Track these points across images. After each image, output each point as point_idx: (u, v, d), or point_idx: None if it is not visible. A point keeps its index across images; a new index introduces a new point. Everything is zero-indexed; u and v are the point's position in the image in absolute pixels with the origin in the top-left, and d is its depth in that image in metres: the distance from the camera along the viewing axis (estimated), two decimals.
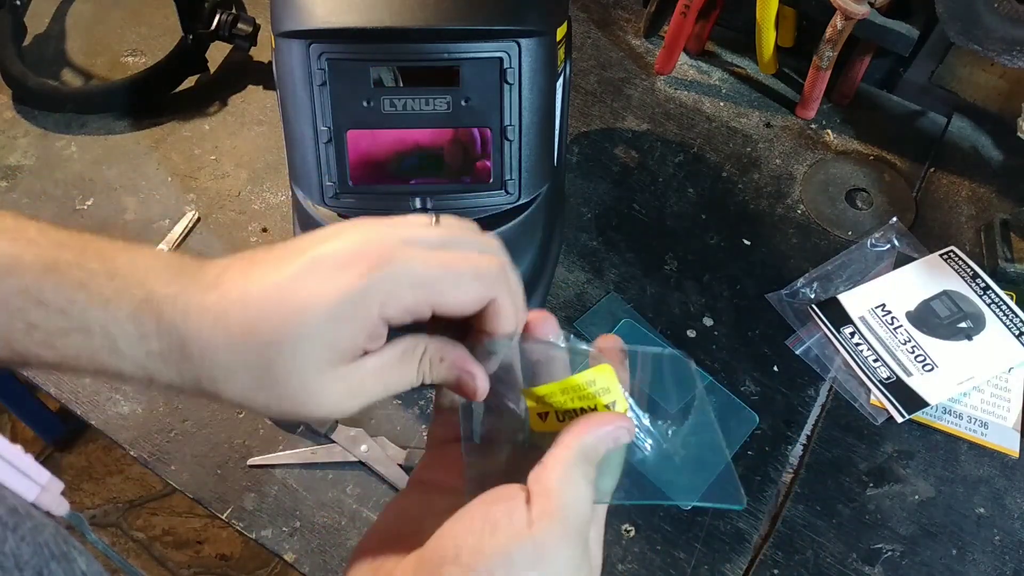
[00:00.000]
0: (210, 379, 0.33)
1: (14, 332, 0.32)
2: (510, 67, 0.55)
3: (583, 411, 0.37)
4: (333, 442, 0.66)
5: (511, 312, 0.36)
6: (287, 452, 0.66)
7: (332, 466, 0.66)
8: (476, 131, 0.58)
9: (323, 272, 0.33)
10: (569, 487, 0.34)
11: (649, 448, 0.39)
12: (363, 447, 0.66)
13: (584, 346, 0.39)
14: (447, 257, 0.35)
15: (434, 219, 0.37)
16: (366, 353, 0.34)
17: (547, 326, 0.38)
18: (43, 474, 0.34)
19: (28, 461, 0.33)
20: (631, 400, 0.38)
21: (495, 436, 0.39)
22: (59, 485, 0.35)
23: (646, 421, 0.39)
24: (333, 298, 0.32)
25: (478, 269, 0.35)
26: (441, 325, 0.36)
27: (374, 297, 0.33)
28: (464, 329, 0.37)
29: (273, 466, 0.65)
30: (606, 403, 0.37)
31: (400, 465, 0.65)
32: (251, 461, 0.65)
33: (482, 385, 0.37)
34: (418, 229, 0.36)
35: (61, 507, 0.35)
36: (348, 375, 0.34)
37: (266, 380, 0.33)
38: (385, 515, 0.40)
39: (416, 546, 0.35)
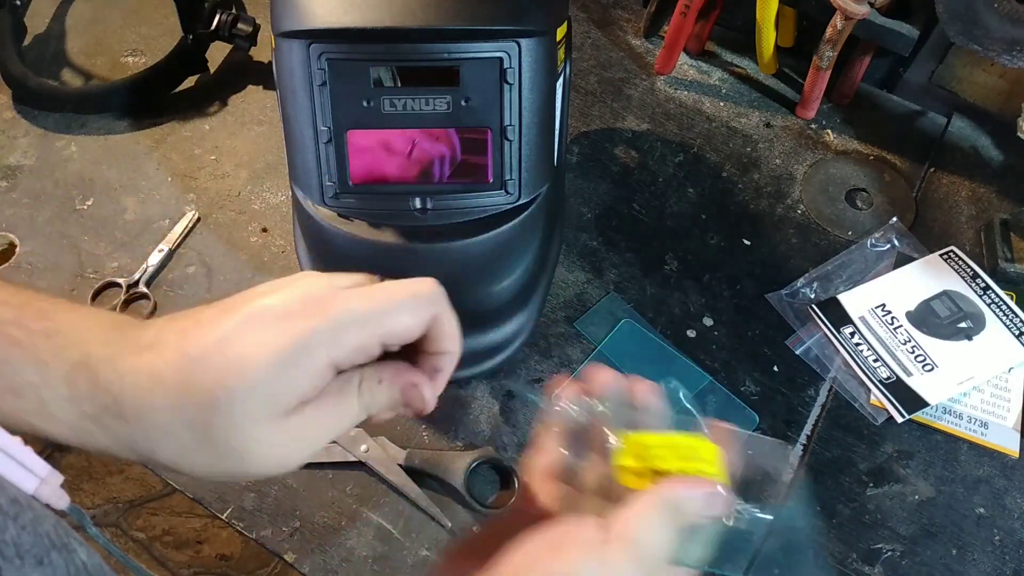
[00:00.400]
0: (145, 440, 0.32)
1: None
2: (510, 67, 0.55)
3: (678, 471, 0.38)
4: (333, 442, 0.66)
5: (454, 328, 0.36)
6: None
7: (332, 466, 0.66)
8: (476, 131, 0.58)
9: (263, 325, 0.33)
10: (645, 524, 0.36)
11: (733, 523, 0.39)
12: (363, 447, 0.66)
13: (697, 417, 0.40)
14: (383, 291, 0.35)
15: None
16: (304, 405, 0.33)
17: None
18: (43, 467, 0.34)
19: (27, 453, 0.33)
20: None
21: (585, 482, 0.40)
22: (58, 478, 0.35)
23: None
24: (275, 349, 0.32)
25: (415, 292, 0.35)
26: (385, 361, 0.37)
27: (320, 344, 0.32)
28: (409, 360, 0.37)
29: None
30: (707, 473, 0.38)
31: (400, 465, 0.65)
32: None
33: (429, 395, 0.36)
34: (354, 278, 0.36)
35: (61, 500, 0.35)
36: (290, 428, 0.33)
37: (205, 439, 0.32)
38: (478, 532, 0.41)
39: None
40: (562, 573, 0.34)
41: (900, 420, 0.69)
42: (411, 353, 0.37)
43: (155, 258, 0.76)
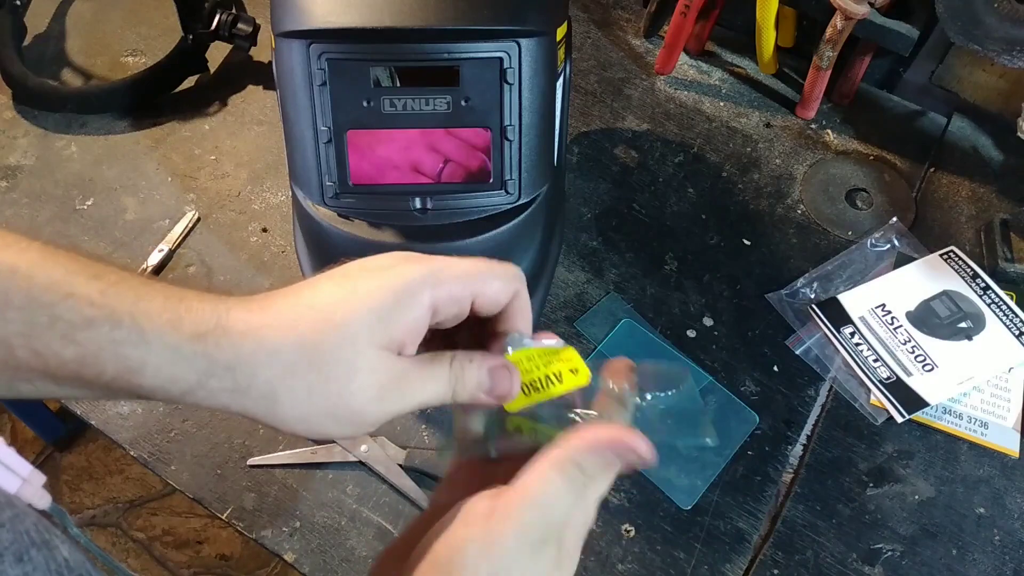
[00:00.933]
0: (249, 374, 0.33)
1: (36, 326, 0.31)
2: (510, 67, 0.55)
3: (548, 379, 0.38)
4: (333, 442, 0.66)
5: (528, 307, 0.39)
6: (287, 452, 0.66)
7: (332, 466, 0.66)
8: (476, 131, 0.58)
9: (368, 274, 0.35)
10: (545, 486, 0.34)
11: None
12: (363, 447, 0.66)
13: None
14: (478, 260, 0.37)
15: None
16: (401, 353, 0.35)
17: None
18: (24, 467, 0.34)
19: (10, 454, 0.33)
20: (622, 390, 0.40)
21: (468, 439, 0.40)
22: (40, 478, 0.35)
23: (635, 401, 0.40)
24: (383, 285, 0.34)
25: (504, 269, 0.38)
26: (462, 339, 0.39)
27: (424, 284, 0.35)
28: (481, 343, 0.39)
29: (273, 466, 0.66)
30: (570, 369, 0.39)
31: (400, 465, 0.65)
32: (251, 461, 0.65)
33: (516, 379, 0.38)
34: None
35: (43, 500, 0.35)
36: (392, 367, 0.35)
37: (311, 369, 0.33)
38: (401, 535, 0.40)
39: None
40: (446, 557, 0.33)
41: (900, 420, 0.69)
42: (483, 340, 0.39)
43: (155, 258, 0.76)
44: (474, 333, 0.39)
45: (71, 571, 0.33)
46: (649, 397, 0.40)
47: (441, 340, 0.39)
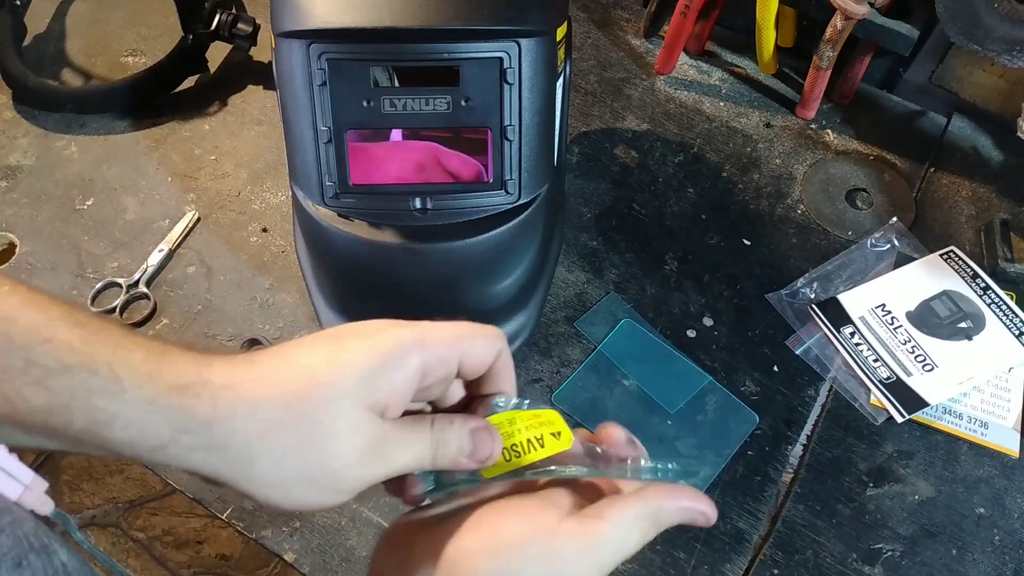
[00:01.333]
0: (227, 431, 0.31)
1: (9, 370, 0.30)
2: (510, 67, 0.55)
3: (529, 443, 0.37)
4: None
5: (512, 370, 0.39)
6: None
7: None
8: (476, 131, 0.58)
9: (354, 337, 0.35)
10: (620, 528, 0.36)
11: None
12: None
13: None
14: (463, 325, 0.38)
15: None
16: (383, 415, 0.35)
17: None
18: (27, 473, 0.34)
19: (12, 460, 0.33)
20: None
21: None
22: (43, 484, 0.35)
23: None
24: (373, 350, 0.34)
25: (487, 330, 0.38)
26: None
27: (415, 345, 0.35)
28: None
29: None
30: (552, 432, 0.38)
31: None
32: None
33: (497, 442, 0.37)
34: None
35: (45, 506, 0.35)
36: (374, 431, 0.34)
37: (293, 428, 0.32)
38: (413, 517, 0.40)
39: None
40: (498, 544, 0.34)
41: (900, 420, 0.69)
42: (466, 405, 0.40)
43: (155, 258, 0.76)
44: (459, 400, 0.40)
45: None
46: (645, 477, 0.39)
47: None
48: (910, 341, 0.73)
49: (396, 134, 0.58)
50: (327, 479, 0.33)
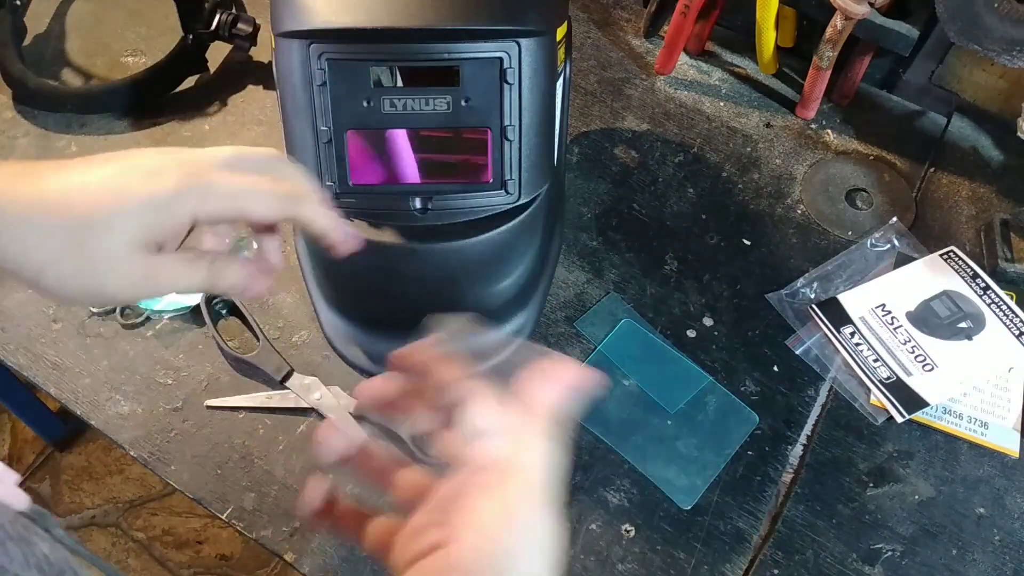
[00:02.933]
0: (20, 251, 0.36)
1: None
2: (510, 67, 0.55)
3: None
4: (287, 388, 0.69)
5: (323, 213, 0.43)
6: (243, 396, 0.69)
7: (287, 411, 0.68)
8: (476, 131, 0.58)
9: (140, 174, 0.38)
10: (534, 451, 0.36)
11: None
12: (316, 395, 0.68)
13: None
14: (251, 179, 0.40)
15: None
16: (160, 251, 0.39)
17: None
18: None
19: None
20: None
21: None
22: (13, 476, 0.35)
23: None
24: (153, 190, 0.38)
25: (276, 191, 0.41)
26: None
27: (188, 199, 0.38)
28: None
29: (230, 408, 0.68)
30: None
31: (351, 414, 0.67)
32: (209, 403, 0.68)
33: (264, 285, 0.43)
34: (224, 152, 0.41)
35: (18, 500, 0.36)
36: (147, 264, 0.38)
37: (76, 255, 0.37)
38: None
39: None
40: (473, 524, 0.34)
41: (900, 420, 0.69)
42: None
43: None
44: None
45: (51, 566, 0.33)
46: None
47: None
48: (910, 341, 0.73)
49: (396, 134, 0.58)
50: (103, 298, 0.39)
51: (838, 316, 0.74)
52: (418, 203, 0.58)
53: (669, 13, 0.91)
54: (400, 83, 0.57)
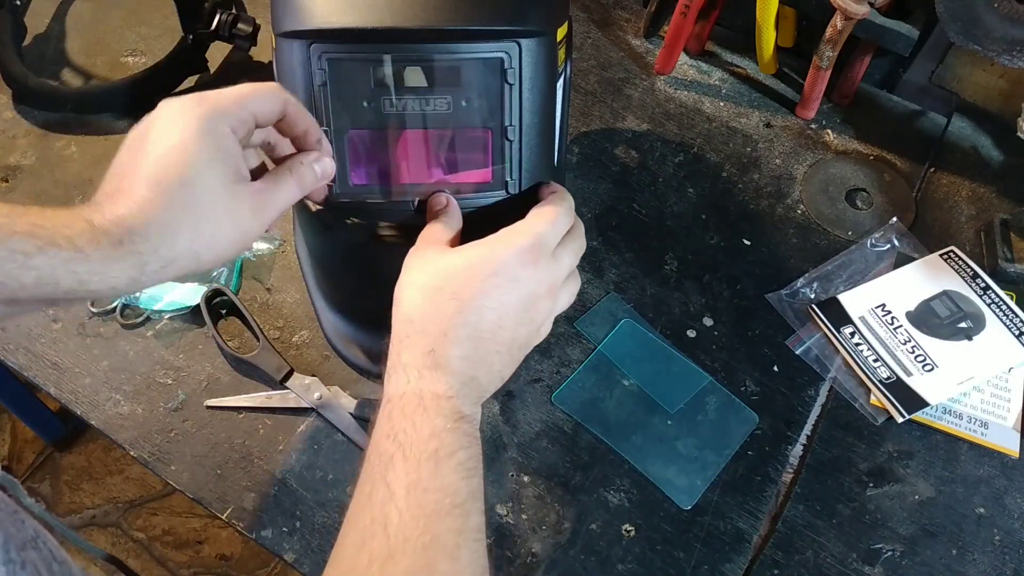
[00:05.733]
0: (160, 240, 0.42)
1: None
2: (511, 67, 0.55)
3: None
4: (287, 388, 0.69)
5: (303, 110, 0.50)
6: (243, 396, 0.68)
7: (287, 411, 0.68)
8: (476, 131, 0.58)
9: (168, 127, 0.44)
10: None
11: None
12: (316, 395, 0.68)
13: None
14: (242, 88, 0.47)
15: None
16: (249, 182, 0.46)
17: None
18: None
19: None
20: None
21: None
22: None
23: None
24: (191, 132, 0.43)
25: (263, 87, 0.48)
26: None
27: (219, 118, 0.44)
28: None
29: (233, 408, 0.68)
30: None
31: (351, 414, 0.67)
32: (209, 403, 0.68)
33: (327, 163, 0.52)
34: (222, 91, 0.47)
35: None
36: (245, 195, 0.45)
37: (193, 229, 0.43)
38: None
39: None
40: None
41: (900, 420, 0.69)
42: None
43: None
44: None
45: (23, 531, 0.38)
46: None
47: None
48: (910, 341, 0.73)
49: (396, 134, 0.58)
50: (248, 237, 0.47)
51: (838, 316, 0.74)
52: (418, 203, 0.58)
53: (669, 13, 0.91)
54: (400, 83, 0.57)
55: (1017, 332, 0.73)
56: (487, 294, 0.49)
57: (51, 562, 0.42)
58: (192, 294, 0.72)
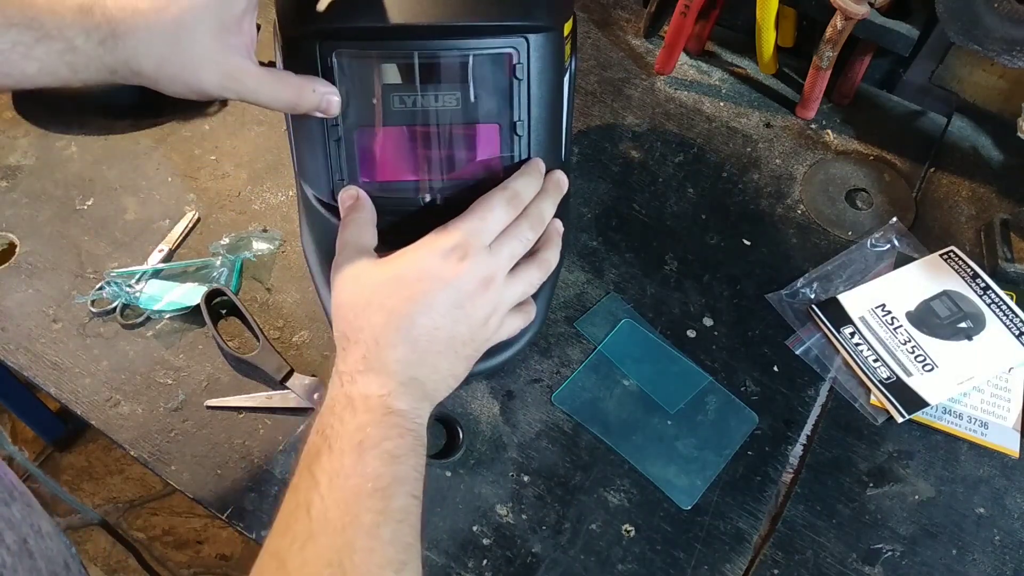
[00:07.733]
0: (133, 57, 0.47)
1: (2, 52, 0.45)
2: (519, 63, 0.55)
3: None
4: (287, 388, 0.68)
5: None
6: (243, 396, 0.68)
7: (287, 411, 0.68)
8: (485, 127, 0.58)
9: None
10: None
11: None
12: (316, 395, 0.68)
13: None
14: None
15: None
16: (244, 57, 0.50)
17: None
18: None
19: None
20: None
21: None
22: None
23: None
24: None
25: None
26: None
27: None
28: None
29: (233, 408, 0.68)
30: None
31: None
32: (209, 403, 0.68)
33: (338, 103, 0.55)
34: None
35: None
36: (233, 62, 0.49)
37: (177, 56, 0.47)
38: None
39: None
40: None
41: (900, 420, 0.69)
42: None
43: (155, 258, 0.76)
44: None
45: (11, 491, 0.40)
46: None
47: None
48: (910, 341, 0.73)
49: (405, 130, 0.58)
50: (202, 91, 0.49)
51: (838, 316, 0.74)
52: (427, 198, 0.58)
53: (669, 13, 0.91)
54: (409, 80, 0.57)
55: (1017, 332, 0.73)
56: (415, 300, 0.50)
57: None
58: (192, 294, 0.72)
